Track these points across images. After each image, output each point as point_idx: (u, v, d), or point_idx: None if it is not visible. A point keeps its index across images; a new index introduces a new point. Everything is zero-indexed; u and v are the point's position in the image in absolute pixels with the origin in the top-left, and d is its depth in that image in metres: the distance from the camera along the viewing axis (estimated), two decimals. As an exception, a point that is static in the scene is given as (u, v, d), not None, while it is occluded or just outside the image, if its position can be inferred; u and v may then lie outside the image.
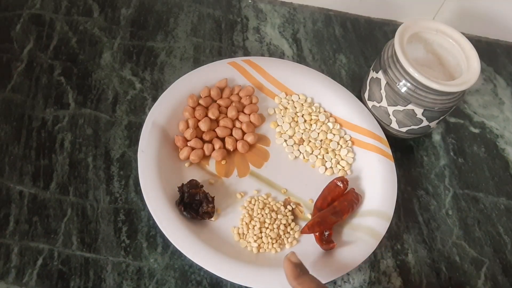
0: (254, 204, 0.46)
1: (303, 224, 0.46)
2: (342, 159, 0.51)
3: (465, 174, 0.54)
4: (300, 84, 0.54)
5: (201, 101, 0.50)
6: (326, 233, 0.44)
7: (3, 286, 0.40)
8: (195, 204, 0.44)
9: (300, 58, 0.59)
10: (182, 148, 0.48)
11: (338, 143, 0.52)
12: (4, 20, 0.55)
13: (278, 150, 0.51)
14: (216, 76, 0.52)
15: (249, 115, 0.51)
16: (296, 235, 0.46)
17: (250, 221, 0.45)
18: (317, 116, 0.53)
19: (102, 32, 0.56)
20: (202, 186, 0.45)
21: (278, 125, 0.52)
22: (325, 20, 0.64)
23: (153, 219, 0.42)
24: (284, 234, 0.45)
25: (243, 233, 0.45)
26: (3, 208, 0.43)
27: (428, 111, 0.48)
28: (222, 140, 0.49)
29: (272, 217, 0.46)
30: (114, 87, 0.52)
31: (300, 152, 0.51)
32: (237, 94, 0.52)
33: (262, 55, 0.58)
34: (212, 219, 0.45)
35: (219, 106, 0.51)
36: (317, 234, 0.44)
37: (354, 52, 0.61)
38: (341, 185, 0.47)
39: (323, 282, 0.42)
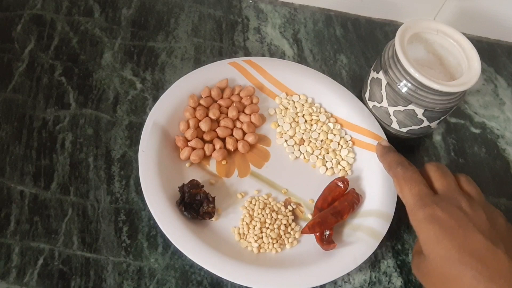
0: (255, 204, 0.46)
1: (303, 224, 0.46)
2: (342, 159, 0.51)
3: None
4: (301, 84, 0.54)
5: (201, 101, 0.50)
6: (327, 233, 0.44)
7: (4, 286, 0.40)
8: (195, 204, 0.44)
9: (300, 59, 0.59)
10: (182, 148, 0.48)
11: (338, 144, 0.52)
12: (5, 20, 0.55)
13: (279, 150, 0.51)
14: (217, 76, 0.52)
15: (250, 115, 0.51)
16: (297, 235, 0.46)
17: (250, 221, 0.45)
18: (318, 116, 0.53)
19: (103, 32, 0.56)
20: (202, 186, 0.45)
21: (278, 125, 0.52)
22: (325, 20, 0.64)
23: (154, 219, 0.42)
24: (284, 234, 0.45)
25: (244, 233, 0.45)
26: (4, 208, 0.43)
27: (429, 112, 0.48)
28: (223, 140, 0.49)
29: (272, 217, 0.46)
30: (115, 87, 0.52)
31: (301, 152, 0.51)
32: (238, 94, 0.52)
33: (263, 55, 0.58)
34: (213, 219, 0.45)
35: (220, 106, 0.51)
36: (317, 234, 0.44)
37: (354, 52, 0.61)
38: (342, 185, 0.47)
39: (324, 282, 0.42)
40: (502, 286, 0.33)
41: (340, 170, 0.50)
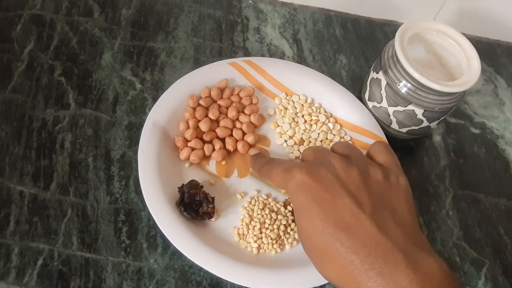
0: (254, 205, 0.46)
1: (303, 224, 0.46)
2: (342, 160, 0.51)
3: (466, 175, 0.54)
4: (301, 84, 0.54)
5: (201, 102, 0.50)
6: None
7: (4, 286, 0.40)
8: (195, 204, 0.44)
9: (300, 59, 0.59)
10: (182, 148, 0.48)
11: (338, 144, 0.52)
12: (5, 20, 0.55)
13: (279, 150, 0.51)
14: (217, 76, 0.52)
15: (250, 115, 0.51)
16: (296, 236, 0.46)
17: (250, 222, 0.45)
18: (318, 116, 0.53)
19: (103, 33, 0.56)
20: (202, 187, 0.45)
21: (278, 126, 0.52)
22: (325, 20, 0.64)
23: (153, 220, 0.42)
24: (284, 234, 0.45)
25: (243, 234, 0.45)
26: (4, 208, 0.43)
27: (429, 112, 0.48)
28: (223, 140, 0.49)
29: (272, 217, 0.46)
30: (115, 88, 0.52)
31: (301, 153, 0.51)
32: (238, 94, 0.52)
33: (263, 55, 0.58)
34: (212, 219, 0.45)
35: (220, 106, 0.51)
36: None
37: (354, 52, 0.61)
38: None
39: (324, 282, 0.42)
40: (364, 256, 0.30)
41: (340, 170, 0.50)
